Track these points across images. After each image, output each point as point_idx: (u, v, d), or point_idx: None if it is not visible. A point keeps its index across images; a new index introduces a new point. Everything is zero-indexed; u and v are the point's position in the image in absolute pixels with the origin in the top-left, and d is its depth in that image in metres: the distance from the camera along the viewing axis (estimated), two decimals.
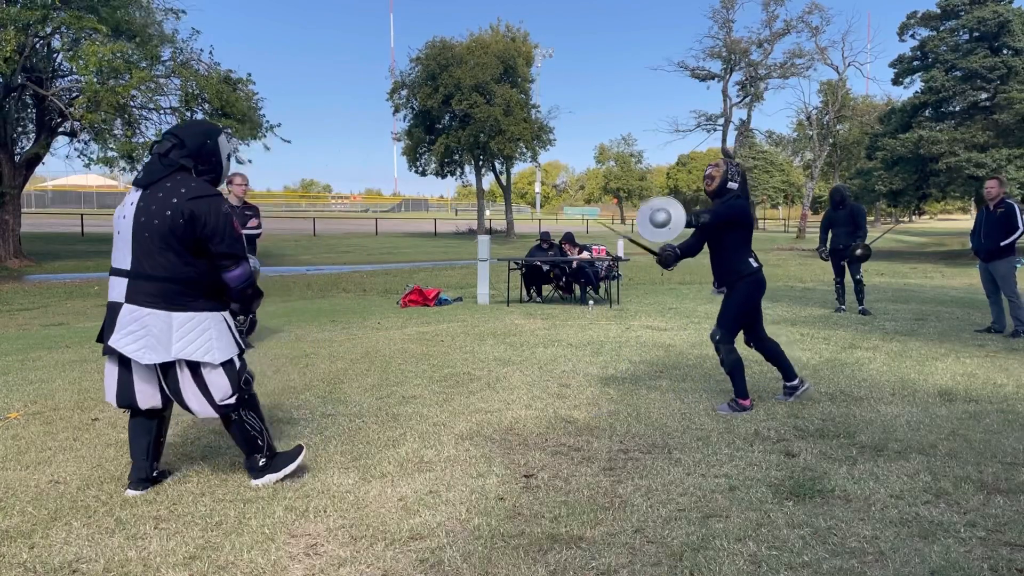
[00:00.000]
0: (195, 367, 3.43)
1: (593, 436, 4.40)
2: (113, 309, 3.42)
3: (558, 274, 12.43)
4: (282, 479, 3.62)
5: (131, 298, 3.36)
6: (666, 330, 8.69)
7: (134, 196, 3.44)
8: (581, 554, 2.85)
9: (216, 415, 3.52)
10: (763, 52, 44.39)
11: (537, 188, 73.37)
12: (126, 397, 3.51)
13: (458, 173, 42.75)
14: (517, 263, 12.43)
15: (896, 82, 31.63)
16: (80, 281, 16.57)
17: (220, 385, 3.46)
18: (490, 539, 2.99)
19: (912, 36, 31.12)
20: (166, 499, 3.45)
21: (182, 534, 3.06)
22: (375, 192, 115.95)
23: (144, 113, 20.81)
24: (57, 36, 19.27)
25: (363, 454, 4.10)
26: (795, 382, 5.25)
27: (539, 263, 12.31)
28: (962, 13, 28.36)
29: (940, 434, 4.37)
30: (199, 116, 21.60)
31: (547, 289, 12.79)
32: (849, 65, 44.38)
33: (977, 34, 28.12)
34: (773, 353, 5.25)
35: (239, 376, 3.51)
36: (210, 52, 25.63)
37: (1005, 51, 27.58)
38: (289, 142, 26.09)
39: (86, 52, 17.02)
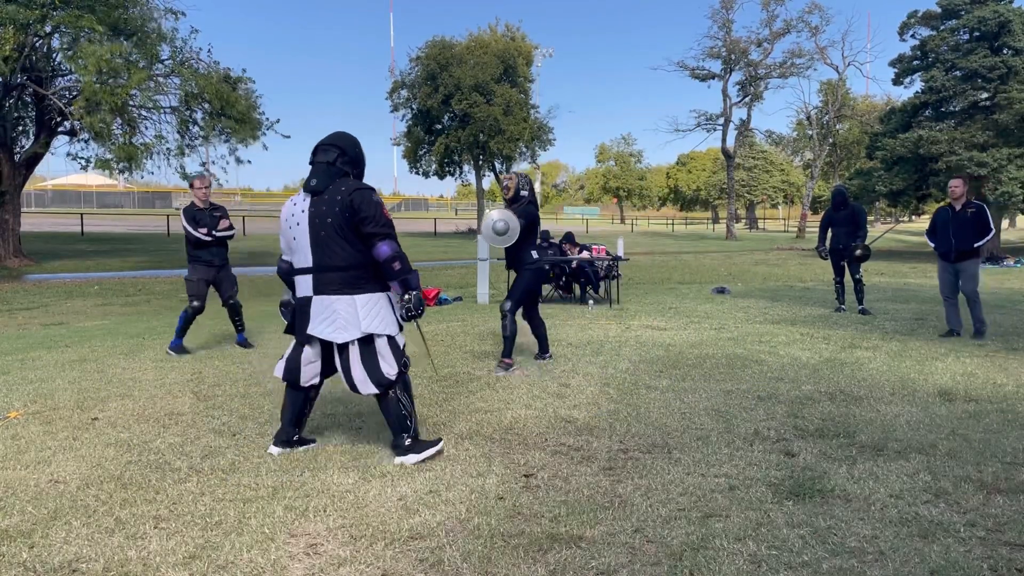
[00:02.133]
0: (369, 343, 3.89)
1: (593, 436, 4.40)
2: (304, 303, 3.96)
3: (558, 274, 12.43)
4: (421, 462, 3.88)
5: (318, 290, 3.88)
6: (666, 330, 8.69)
7: (303, 202, 3.91)
8: (581, 554, 2.85)
9: (376, 391, 3.91)
10: (763, 52, 44.43)
11: (537, 188, 73.38)
12: (292, 374, 4.09)
13: (458, 173, 42.76)
14: None
15: (896, 82, 31.64)
16: (80, 281, 16.57)
17: (389, 359, 3.92)
18: (490, 539, 2.99)
19: (912, 36, 31.14)
20: (166, 499, 3.45)
21: (182, 534, 3.06)
22: None
23: (144, 113, 20.81)
24: (56, 36, 19.26)
25: (363, 454, 4.10)
26: (546, 355, 6.75)
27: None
28: (962, 13, 28.37)
29: (940, 434, 4.37)
30: (199, 116, 21.58)
31: (547, 289, 12.79)
32: (849, 65, 44.52)
33: (977, 34, 28.14)
34: (539, 331, 6.67)
35: (402, 353, 3.99)
36: (209, 51, 25.63)
37: (1005, 51, 27.58)
38: (288, 137, 25.88)
39: (85, 52, 17.01)
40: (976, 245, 8.00)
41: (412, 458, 3.89)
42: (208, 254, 7.39)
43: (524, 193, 6.34)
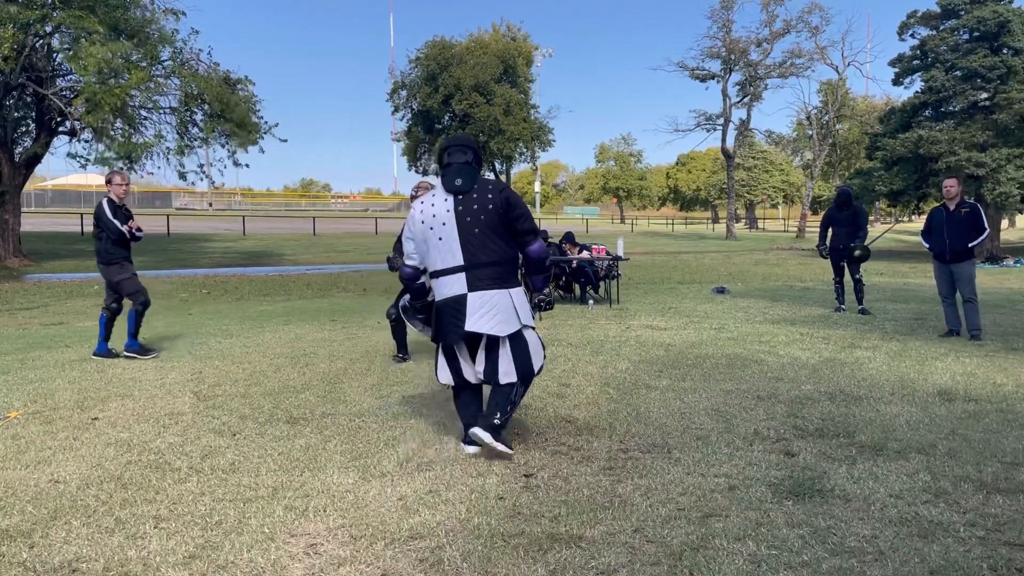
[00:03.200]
0: (518, 336, 3.99)
1: (593, 436, 4.40)
2: (457, 302, 3.93)
3: (558, 273, 12.43)
4: (489, 450, 3.91)
5: (474, 286, 3.91)
6: (666, 330, 8.69)
7: (446, 202, 3.92)
8: (581, 553, 2.85)
9: (514, 381, 3.97)
10: (762, 52, 44.44)
11: (536, 188, 73.40)
12: (458, 377, 4.12)
13: None
14: None
15: (896, 82, 31.63)
16: (80, 281, 16.57)
17: (538, 352, 4.09)
18: (490, 538, 2.99)
19: (912, 35, 31.14)
20: (166, 499, 3.45)
21: (182, 534, 3.06)
22: (375, 191, 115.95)
23: (144, 113, 20.81)
24: (56, 36, 19.27)
25: (363, 453, 4.10)
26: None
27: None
28: (962, 13, 28.37)
29: (940, 434, 4.37)
30: (199, 117, 21.58)
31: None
32: (849, 65, 44.53)
33: (977, 34, 28.13)
34: None
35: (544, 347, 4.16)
36: (209, 52, 25.64)
37: (1005, 51, 27.58)
38: (285, 141, 25.67)
39: (85, 52, 17.02)
40: (971, 245, 7.99)
41: (489, 438, 3.86)
42: (128, 252, 7.12)
43: None
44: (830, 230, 10.39)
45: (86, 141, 21.12)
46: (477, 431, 3.90)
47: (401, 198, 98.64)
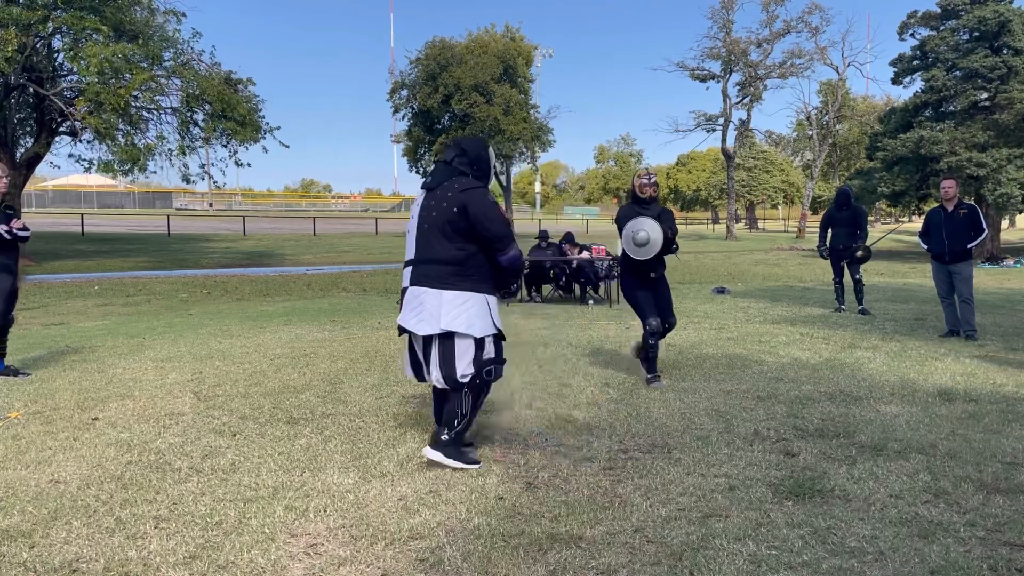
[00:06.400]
0: (449, 339, 3.82)
1: (593, 436, 4.40)
2: (403, 294, 3.98)
3: (558, 274, 12.44)
4: (444, 467, 3.79)
5: (414, 281, 3.89)
6: None
7: (420, 198, 3.99)
8: (581, 553, 2.85)
9: (447, 387, 3.87)
10: (762, 52, 44.41)
11: (537, 188, 73.39)
12: (416, 369, 4.01)
13: None
14: None
15: (896, 82, 31.59)
16: (80, 281, 16.58)
17: (466, 359, 3.86)
18: (490, 538, 2.99)
19: (912, 36, 31.10)
20: (166, 499, 3.45)
21: (182, 534, 3.06)
22: (375, 192, 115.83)
23: (145, 114, 20.81)
24: (58, 36, 19.27)
25: (363, 454, 4.10)
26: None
27: (540, 260, 12.33)
28: (962, 13, 28.33)
29: (940, 434, 4.37)
30: (199, 117, 21.58)
31: (547, 289, 12.80)
32: (849, 65, 44.43)
33: (977, 34, 28.10)
34: None
35: (483, 359, 3.87)
36: (211, 53, 25.61)
37: (1005, 51, 27.55)
38: (288, 147, 25.14)
39: (87, 53, 17.03)
40: (970, 246, 8.00)
41: (438, 456, 3.79)
42: (6, 258, 6.15)
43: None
44: (830, 230, 10.40)
45: (88, 142, 21.14)
46: (427, 452, 3.83)
47: (401, 198, 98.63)
